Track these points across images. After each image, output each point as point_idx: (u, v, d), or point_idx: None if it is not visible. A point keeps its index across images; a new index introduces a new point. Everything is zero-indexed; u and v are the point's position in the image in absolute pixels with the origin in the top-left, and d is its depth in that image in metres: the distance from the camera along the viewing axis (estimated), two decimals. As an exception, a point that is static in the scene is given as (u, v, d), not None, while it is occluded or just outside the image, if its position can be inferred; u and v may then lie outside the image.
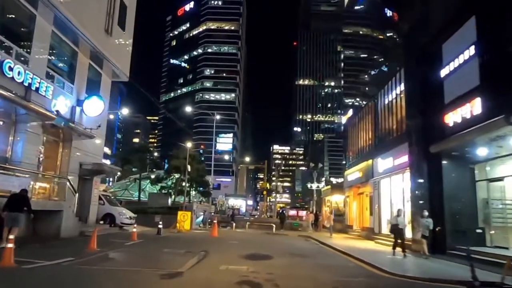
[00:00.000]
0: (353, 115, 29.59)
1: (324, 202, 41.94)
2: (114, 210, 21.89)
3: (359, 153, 27.86)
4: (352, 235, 26.76)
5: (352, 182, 28.58)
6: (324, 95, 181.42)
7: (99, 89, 20.60)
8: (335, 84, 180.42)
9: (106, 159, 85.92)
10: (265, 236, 24.87)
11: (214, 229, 21.48)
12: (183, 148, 31.18)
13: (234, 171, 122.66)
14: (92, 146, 19.73)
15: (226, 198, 48.15)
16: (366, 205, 25.70)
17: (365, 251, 15.68)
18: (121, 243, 14.41)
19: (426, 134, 15.44)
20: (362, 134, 27.20)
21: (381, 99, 22.97)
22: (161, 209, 28.88)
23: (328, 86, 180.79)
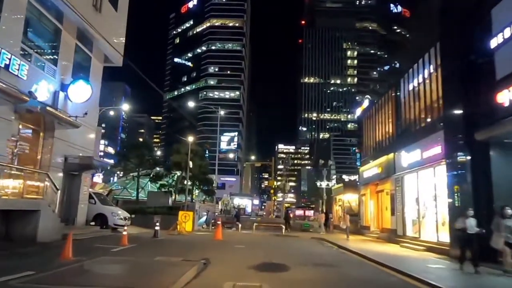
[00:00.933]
0: (368, 106, 27.13)
1: (335, 201, 39.45)
2: (106, 210, 19.66)
3: (376, 147, 25.40)
4: (369, 237, 24.30)
5: (369, 179, 26.12)
6: (330, 93, 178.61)
7: (88, 75, 18.37)
8: (341, 82, 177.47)
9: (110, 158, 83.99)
10: (274, 238, 22.51)
11: (217, 231, 19.15)
12: (185, 143, 28.86)
13: (239, 170, 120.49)
14: (80, 138, 17.48)
15: (231, 198, 45.83)
16: (386, 204, 23.23)
17: (398, 259, 13.24)
18: (107, 250, 12.11)
19: (469, 118, 12.98)
20: (380, 125, 24.74)
21: (404, 86, 20.50)
22: (161, 209, 26.62)
23: (334, 84, 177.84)
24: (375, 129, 25.80)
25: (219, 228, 19.34)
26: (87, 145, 18.29)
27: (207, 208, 30.40)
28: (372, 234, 24.79)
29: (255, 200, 55.73)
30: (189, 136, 27.19)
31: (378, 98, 25.00)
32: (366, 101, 27.27)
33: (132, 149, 29.31)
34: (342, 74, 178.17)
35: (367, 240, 22.89)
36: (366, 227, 26.75)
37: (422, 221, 17.91)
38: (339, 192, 36.98)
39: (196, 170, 28.16)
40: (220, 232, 19.13)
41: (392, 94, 22.58)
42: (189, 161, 26.53)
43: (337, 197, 38.25)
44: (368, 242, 20.95)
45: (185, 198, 27.62)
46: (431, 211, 16.81)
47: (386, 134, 23.50)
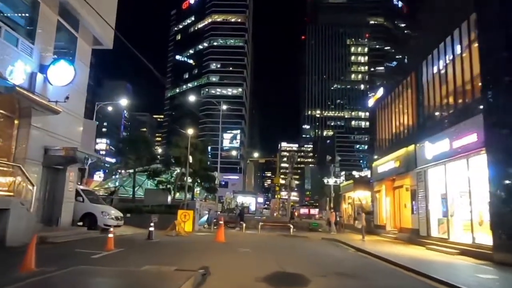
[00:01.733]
0: (383, 95, 24.99)
1: (344, 199, 37.34)
2: (95, 209, 17.65)
3: (393, 139, 23.28)
4: (386, 237, 22.21)
5: (384, 174, 24.01)
6: (333, 90, 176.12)
7: (74, 57, 16.34)
8: (345, 79, 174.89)
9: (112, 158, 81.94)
10: (282, 239, 20.48)
11: (219, 232, 17.10)
12: (184, 136, 26.82)
13: (242, 168, 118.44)
14: (64, 128, 15.46)
15: (234, 196, 43.78)
16: (405, 201, 21.14)
17: (433, 265, 11.16)
18: (86, 256, 10.10)
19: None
20: (396, 115, 22.62)
21: (427, 69, 18.38)
22: (159, 208, 24.62)
23: (338, 80, 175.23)
24: (390, 120, 23.68)
25: (221, 228, 17.31)
26: (73, 136, 16.27)
27: (208, 206, 28.40)
28: (388, 234, 22.69)
29: (259, 198, 53.67)
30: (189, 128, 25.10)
31: (394, 86, 22.86)
32: (380, 90, 25.09)
33: (128, 144, 27.17)
34: (346, 70, 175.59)
35: (384, 241, 20.80)
36: (381, 226, 24.65)
37: (450, 220, 15.83)
38: (349, 189, 34.87)
39: (196, 166, 26.10)
40: (223, 233, 17.09)
41: (411, 79, 20.44)
42: (188, 156, 24.50)
43: (347, 195, 36.14)
44: (387, 244, 18.86)
45: (184, 196, 25.61)
46: (464, 208, 14.72)
47: (405, 124, 21.38)
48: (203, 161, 26.30)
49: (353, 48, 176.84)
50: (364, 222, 21.51)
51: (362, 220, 21.58)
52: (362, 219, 21.62)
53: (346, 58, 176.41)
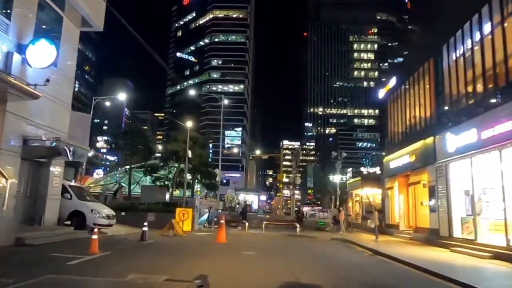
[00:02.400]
0: (395, 85, 23.32)
1: (351, 196, 35.73)
2: (84, 206, 16.08)
3: (407, 132, 21.65)
4: (400, 237, 20.59)
5: (397, 170, 22.39)
6: (336, 87, 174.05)
7: (59, 39, 14.74)
8: (348, 76, 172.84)
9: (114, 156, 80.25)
10: (289, 240, 18.93)
11: (220, 232, 15.51)
12: (183, 129, 25.24)
13: (243, 166, 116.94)
14: (47, 116, 13.88)
15: (236, 193, 42.22)
16: (422, 199, 19.54)
17: (472, 273, 9.59)
18: (63, 262, 8.54)
19: None
20: (412, 106, 20.97)
21: (449, 53, 16.74)
22: (156, 206, 23.14)
23: (341, 77, 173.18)
24: (404, 111, 22.03)
25: (223, 228, 15.72)
26: (58, 126, 14.66)
27: (209, 204, 26.85)
28: (402, 234, 21.07)
29: (262, 196, 52.07)
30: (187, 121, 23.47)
31: (409, 74, 21.20)
32: (393, 80, 23.44)
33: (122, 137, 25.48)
34: (348, 67, 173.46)
35: (399, 241, 19.19)
36: (394, 225, 23.04)
37: (477, 219, 14.20)
38: (356, 186, 33.26)
39: (196, 161, 24.48)
40: (224, 233, 15.51)
41: (429, 66, 18.79)
42: (188, 150, 22.92)
43: (354, 192, 34.53)
44: (404, 245, 17.25)
45: (183, 193, 24.05)
46: (495, 206, 13.10)
47: (421, 116, 19.75)
48: (203, 156, 24.67)
49: (356, 45, 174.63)
50: (377, 221, 19.92)
51: (375, 219, 19.99)
52: (375, 218, 20.03)
53: (349, 55, 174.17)
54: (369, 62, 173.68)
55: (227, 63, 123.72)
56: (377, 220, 19.97)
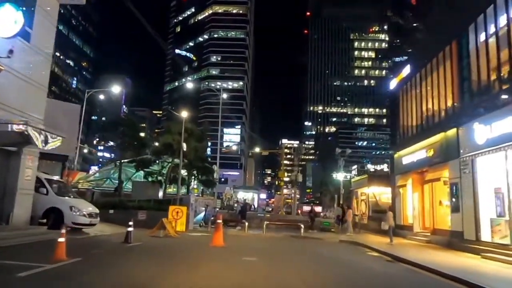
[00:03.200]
0: (410, 74, 21.38)
1: (356, 195, 33.82)
2: (62, 203, 14.12)
3: (424, 124, 19.74)
4: (415, 240, 18.73)
5: (411, 166, 20.50)
6: (336, 85, 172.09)
7: (33, 8, 12.75)
8: (348, 74, 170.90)
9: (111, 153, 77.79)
10: (295, 243, 17.07)
11: (217, 234, 13.57)
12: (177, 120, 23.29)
13: (242, 164, 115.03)
14: (17, 98, 11.94)
15: (235, 191, 40.29)
16: (441, 197, 17.68)
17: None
18: (15, 271, 6.60)
19: None
20: (429, 95, 19.06)
21: (476, 33, 14.85)
22: (147, 203, 21.20)
23: (341, 76, 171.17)
24: (419, 102, 20.13)
25: (220, 229, 13.78)
26: (31, 110, 12.69)
27: (206, 202, 24.95)
28: (416, 236, 19.20)
29: (262, 194, 50.13)
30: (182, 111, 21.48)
31: (426, 61, 19.29)
32: (406, 68, 21.50)
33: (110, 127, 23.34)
34: (349, 66, 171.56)
35: (416, 245, 17.32)
36: (406, 227, 21.16)
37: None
38: (362, 184, 31.37)
39: (191, 155, 22.49)
40: (221, 235, 13.58)
41: (451, 50, 16.89)
42: (182, 143, 20.98)
43: (359, 191, 32.63)
44: (423, 249, 15.40)
45: (177, 189, 22.12)
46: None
47: (441, 105, 17.85)
48: (199, 150, 22.66)
49: (356, 43, 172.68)
50: (392, 222, 18.03)
51: (389, 220, 18.10)
52: (390, 219, 18.14)
53: (350, 53, 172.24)
54: (370, 61, 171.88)
55: (227, 59, 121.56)
56: (392, 221, 18.08)
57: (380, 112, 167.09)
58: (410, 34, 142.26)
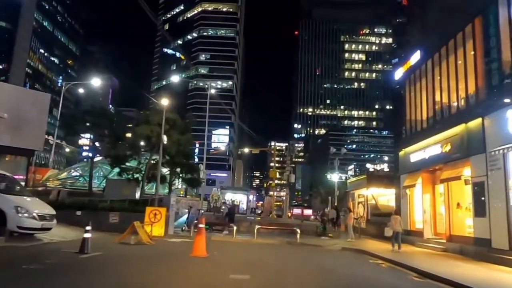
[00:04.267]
0: (420, 60, 19.09)
1: (352, 197, 31.48)
2: (5, 202, 11.32)
3: (437, 116, 17.47)
4: (428, 248, 16.41)
5: (421, 164, 18.21)
6: (326, 87, 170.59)
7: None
8: (339, 76, 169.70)
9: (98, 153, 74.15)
10: (292, 252, 14.57)
11: (198, 241, 10.96)
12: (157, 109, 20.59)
13: (230, 165, 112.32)
14: None
15: (223, 192, 37.67)
16: (460, 199, 15.37)
17: None
18: None
19: None
20: (445, 83, 16.77)
21: (510, 6, 12.60)
22: (121, 204, 18.49)
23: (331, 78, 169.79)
24: (432, 91, 17.85)
25: (202, 235, 11.15)
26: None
27: (189, 203, 22.29)
28: (428, 243, 16.88)
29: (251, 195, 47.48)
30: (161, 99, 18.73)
31: (442, 43, 17.03)
32: (416, 54, 19.21)
33: (80, 117, 20.36)
34: (339, 68, 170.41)
35: (432, 254, 14.99)
36: (414, 232, 18.83)
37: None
38: (360, 185, 29.04)
39: (173, 149, 19.69)
40: (203, 242, 10.98)
41: (474, 28, 14.64)
42: (162, 135, 18.32)
43: (356, 192, 30.30)
44: (446, 260, 13.06)
45: (156, 187, 19.41)
46: None
47: (460, 93, 15.58)
48: (182, 144, 19.91)
49: (347, 45, 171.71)
50: (399, 227, 15.68)
51: (395, 224, 15.76)
52: (397, 224, 15.79)
53: (340, 55, 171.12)
54: (360, 63, 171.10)
55: (216, 58, 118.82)
56: (399, 225, 15.74)
57: (370, 115, 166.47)
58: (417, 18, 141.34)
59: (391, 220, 16.18)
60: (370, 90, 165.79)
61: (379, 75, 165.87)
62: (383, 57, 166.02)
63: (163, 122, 18.48)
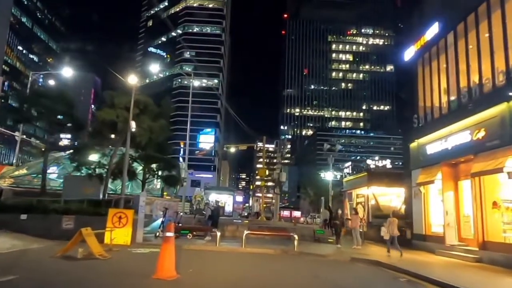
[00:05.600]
0: (440, 33, 16.17)
1: (349, 197, 28.52)
2: None
3: (463, 97, 14.53)
4: (455, 257, 13.46)
5: (441, 156, 15.32)
6: (313, 88, 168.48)
7: None
8: (326, 76, 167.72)
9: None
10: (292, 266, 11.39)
11: (164, 257, 7.65)
12: (124, 90, 17.14)
13: (216, 166, 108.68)
14: None
15: (207, 192, 34.28)
16: (495, 197, 12.45)
17: None
18: None
19: None
20: (474, 57, 13.86)
21: None
22: (78, 205, 15.04)
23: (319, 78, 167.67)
24: (456, 69, 14.93)
25: (168, 247, 7.82)
26: None
27: (166, 204, 18.90)
28: (453, 251, 13.93)
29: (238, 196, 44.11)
30: (129, 75, 15.22)
31: (466, 12, 14.15)
32: (433, 27, 16.31)
33: (32, 101, 16.59)
34: (326, 68, 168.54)
35: (466, 265, 12.03)
36: (432, 237, 15.90)
37: None
38: (359, 184, 26.10)
39: (144, 138, 16.13)
40: (170, 258, 7.70)
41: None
42: (131, 120, 14.94)
43: (354, 192, 27.35)
44: (492, 275, 10.08)
45: (122, 185, 15.94)
46: None
47: (498, 66, 12.67)
48: (155, 132, 16.37)
49: (334, 45, 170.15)
50: (396, 230, 13.17)
51: (395, 228, 13.25)
52: (394, 227, 13.26)
53: (327, 56, 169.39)
54: (348, 63, 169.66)
55: (201, 55, 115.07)
56: (396, 229, 13.33)
57: (358, 116, 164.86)
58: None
59: (388, 223, 14.14)
60: (357, 91, 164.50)
61: (367, 75, 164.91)
62: (370, 58, 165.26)
63: (131, 105, 15.07)
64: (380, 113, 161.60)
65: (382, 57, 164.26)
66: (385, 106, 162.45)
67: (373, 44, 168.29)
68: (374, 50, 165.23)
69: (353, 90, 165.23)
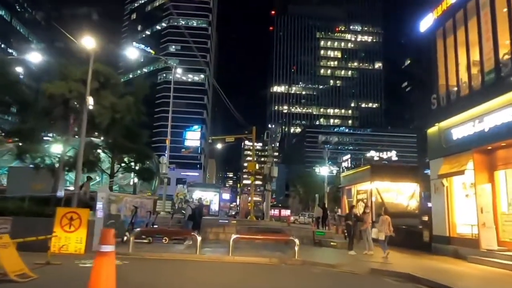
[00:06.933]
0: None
1: (348, 194, 25.69)
2: None
3: (503, 67, 11.71)
4: (502, 267, 10.63)
5: (475, 141, 12.53)
6: (301, 86, 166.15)
7: None
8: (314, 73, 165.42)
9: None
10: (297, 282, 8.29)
11: (97, 279, 4.53)
12: (79, 57, 13.77)
13: (202, 164, 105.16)
14: None
15: (190, 190, 31.00)
16: None
17: None
18: None
19: None
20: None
21: None
22: (18, 203, 11.74)
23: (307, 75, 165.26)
24: (492, 34, 12.12)
25: (102, 271, 4.72)
26: None
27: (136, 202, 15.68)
28: (496, 259, 11.13)
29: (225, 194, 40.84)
30: (84, 35, 11.91)
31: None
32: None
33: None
34: (315, 65, 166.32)
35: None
36: (461, 240, 13.08)
37: None
38: (361, 178, 23.28)
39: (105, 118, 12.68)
40: (112, 282, 4.56)
41: None
42: (88, 96, 11.69)
43: (354, 188, 24.51)
44: None
45: (75, 179, 12.67)
46: None
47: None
48: (121, 112, 12.94)
49: (322, 42, 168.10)
50: (388, 230, 10.81)
51: (388, 226, 10.85)
52: (385, 226, 10.87)
53: (316, 52, 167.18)
54: (336, 60, 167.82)
55: (187, 49, 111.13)
56: (388, 229, 11.78)
57: (346, 113, 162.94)
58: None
59: (380, 222, 12.60)
60: (346, 88, 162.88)
61: (355, 72, 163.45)
62: (359, 55, 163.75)
63: (89, 77, 11.81)
64: (368, 111, 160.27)
65: (370, 54, 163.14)
66: (373, 104, 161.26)
67: (361, 41, 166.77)
68: (362, 47, 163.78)
69: (342, 87, 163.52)
